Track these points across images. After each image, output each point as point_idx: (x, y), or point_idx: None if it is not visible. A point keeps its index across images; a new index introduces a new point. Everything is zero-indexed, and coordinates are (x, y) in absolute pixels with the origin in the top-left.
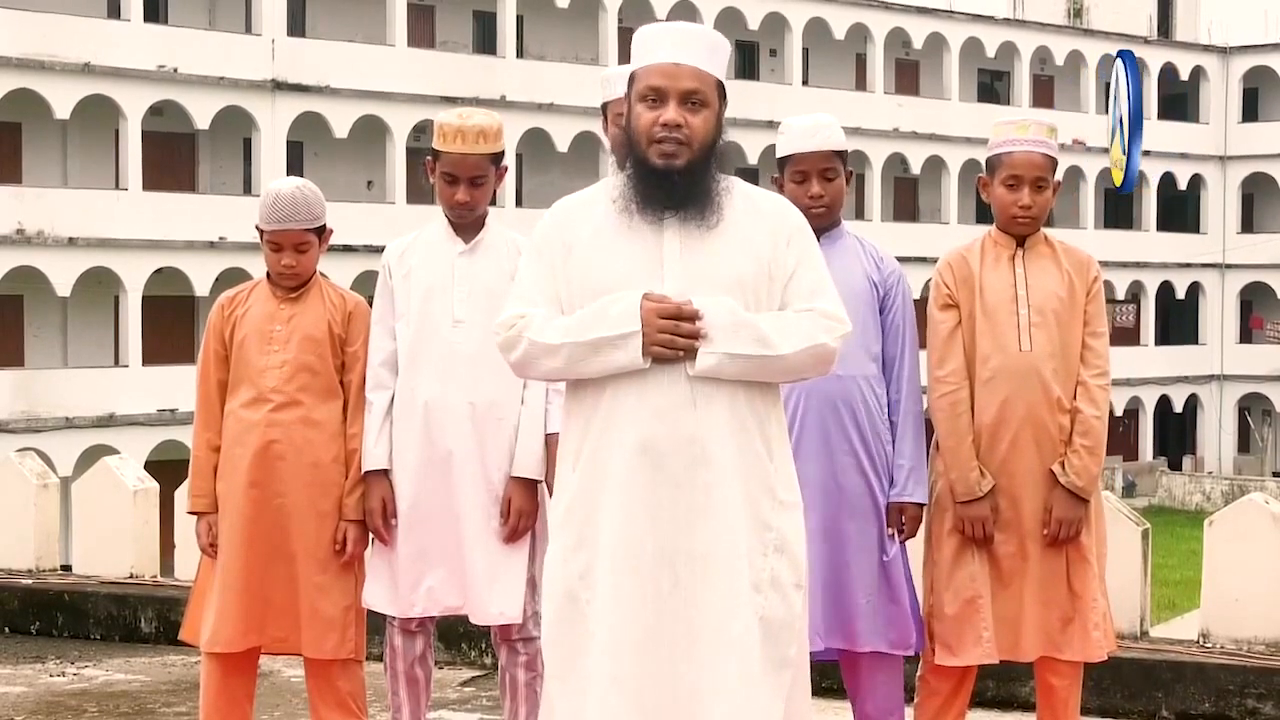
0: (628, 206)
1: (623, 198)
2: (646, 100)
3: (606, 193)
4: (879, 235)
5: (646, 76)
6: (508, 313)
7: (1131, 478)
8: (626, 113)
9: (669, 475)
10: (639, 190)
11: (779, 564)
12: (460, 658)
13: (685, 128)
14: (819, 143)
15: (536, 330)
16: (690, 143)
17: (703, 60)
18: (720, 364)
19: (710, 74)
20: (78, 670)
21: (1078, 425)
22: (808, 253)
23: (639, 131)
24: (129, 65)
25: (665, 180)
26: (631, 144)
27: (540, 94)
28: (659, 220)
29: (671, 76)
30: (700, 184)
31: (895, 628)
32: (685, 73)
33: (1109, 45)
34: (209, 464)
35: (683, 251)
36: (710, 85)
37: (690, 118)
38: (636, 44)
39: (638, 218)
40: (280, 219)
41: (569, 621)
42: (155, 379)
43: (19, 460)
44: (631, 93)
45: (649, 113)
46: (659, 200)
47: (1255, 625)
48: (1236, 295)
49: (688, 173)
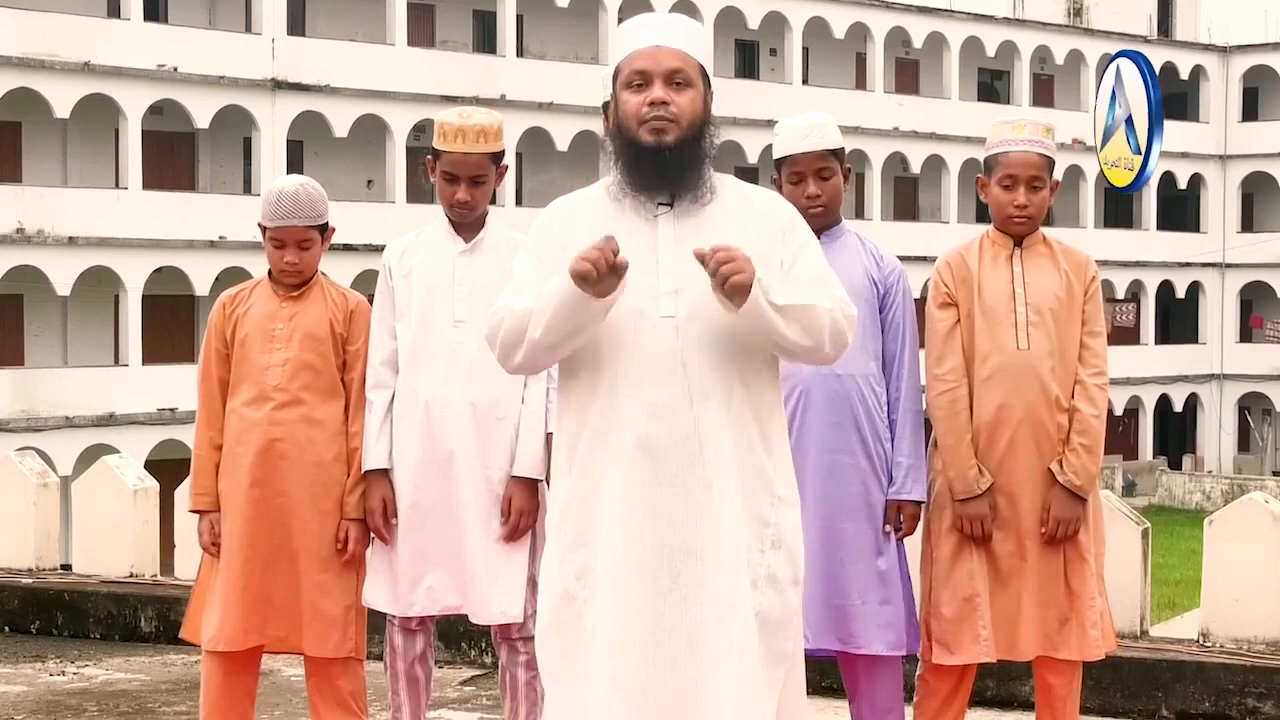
0: (621, 197)
1: (616, 186)
2: (632, 86)
3: (602, 192)
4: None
5: (630, 63)
6: (494, 306)
7: (1131, 477)
8: (614, 105)
9: (667, 472)
10: (631, 174)
11: (776, 560)
12: (460, 657)
13: (672, 105)
14: (813, 143)
15: (514, 312)
16: (679, 120)
17: (684, 43)
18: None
19: (693, 56)
20: (78, 669)
21: (1076, 424)
22: (806, 245)
23: (627, 115)
24: (129, 64)
25: (657, 158)
26: (621, 131)
27: (540, 93)
28: (653, 213)
29: (654, 59)
30: (691, 165)
31: (893, 629)
32: (667, 53)
33: (1109, 45)
34: (210, 462)
35: (677, 243)
36: (693, 67)
37: (676, 96)
38: (618, 37)
39: (631, 211)
40: (283, 216)
41: (564, 622)
42: (155, 378)
43: (19, 459)
44: (616, 85)
45: (635, 96)
46: (651, 183)
47: (1255, 624)
48: (1236, 294)
49: (678, 150)
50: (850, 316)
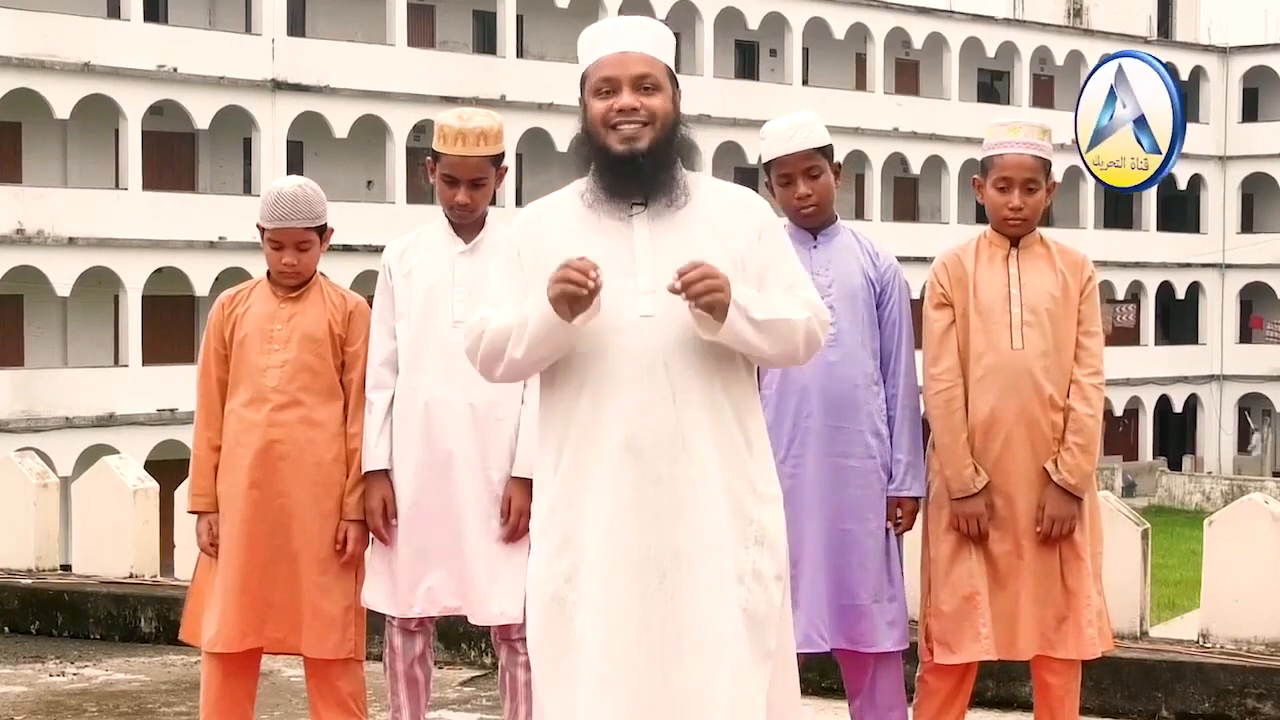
0: (595, 203)
1: (590, 193)
2: (600, 93)
3: (575, 195)
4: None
5: (597, 70)
6: (471, 320)
7: (1131, 478)
8: (582, 111)
9: (652, 471)
10: (604, 182)
11: (760, 556)
12: (460, 657)
13: (642, 110)
14: (798, 143)
15: (491, 328)
16: (651, 122)
17: (649, 47)
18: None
19: (659, 59)
20: (77, 670)
21: (1071, 423)
22: (781, 246)
23: (595, 122)
24: (129, 65)
25: (629, 166)
26: (590, 137)
27: (540, 93)
28: (628, 215)
29: (621, 65)
30: (664, 167)
31: (898, 625)
32: (633, 59)
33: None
34: (209, 463)
35: (653, 245)
36: (661, 71)
37: (646, 100)
38: (581, 45)
39: (605, 214)
40: (282, 217)
41: (555, 624)
42: (155, 378)
43: (19, 460)
44: (585, 92)
45: (603, 103)
46: (625, 188)
47: (1255, 625)
48: (1236, 295)
49: (651, 155)
50: (825, 322)
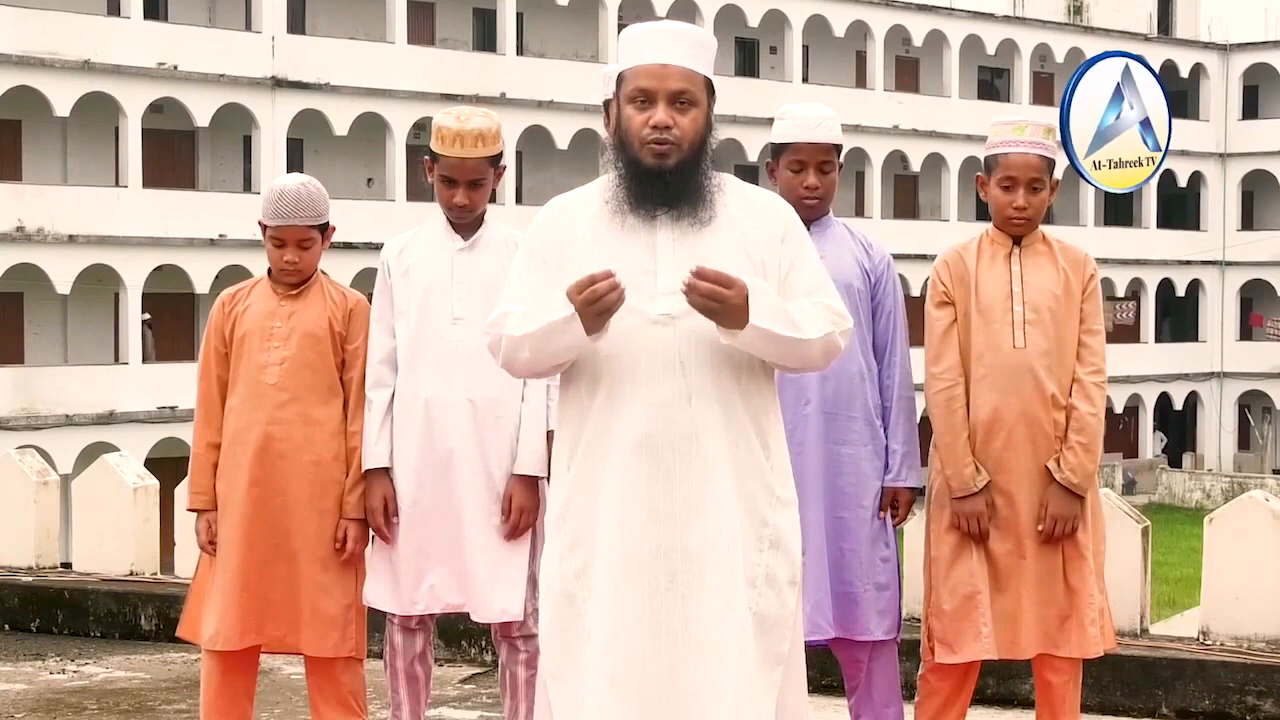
0: (620, 206)
1: (615, 197)
2: (635, 102)
3: (600, 192)
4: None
5: (634, 78)
6: (495, 312)
7: (1132, 475)
8: (616, 113)
9: (665, 471)
10: (632, 190)
11: (774, 560)
12: (460, 655)
13: (675, 128)
14: (821, 134)
15: (512, 326)
16: (680, 143)
17: (689, 59)
18: (754, 339)
19: (698, 73)
20: (78, 668)
21: (1073, 422)
22: (804, 250)
23: (630, 134)
24: (129, 62)
25: (658, 180)
26: (623, 146)
27: (540, 91)
28: (652, 218)
29: (659, 77)
30: (692, 182)
31: (889, 615)
32: (673, 73)
33: (1109, 43)
34: (209, 461)
35: (676, 248)
36: (698, 84)
37: (679, 118)
38: (623, 45)
39: (630, 216)
40: (284, 215)
41: (566, 620)
42: (155, 376)
43: (19, 458)
44: (620, 94)
45: (639, 115)
46: (652, 199)
47: (1255, 623)
48: (1236, 292)
49: (679, 172)
50: (846, 331)
